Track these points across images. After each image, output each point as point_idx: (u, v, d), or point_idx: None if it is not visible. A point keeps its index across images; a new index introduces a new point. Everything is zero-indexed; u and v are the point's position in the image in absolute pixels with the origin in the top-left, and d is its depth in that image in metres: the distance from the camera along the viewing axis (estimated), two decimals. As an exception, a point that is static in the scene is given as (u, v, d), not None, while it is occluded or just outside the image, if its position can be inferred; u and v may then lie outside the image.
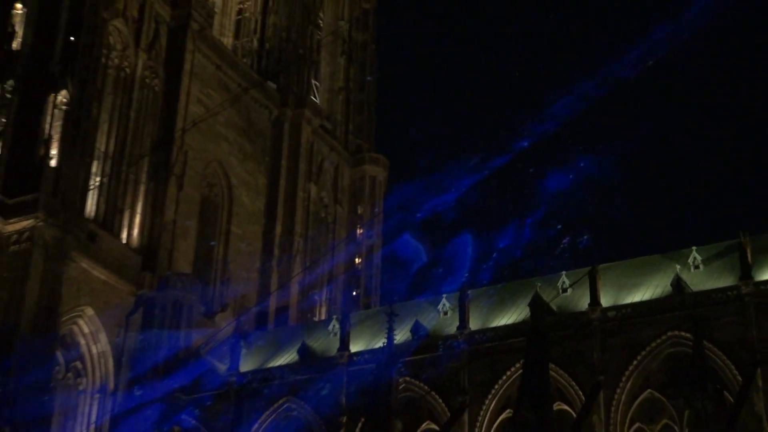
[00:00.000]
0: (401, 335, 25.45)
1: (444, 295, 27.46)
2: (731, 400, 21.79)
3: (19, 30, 28.92)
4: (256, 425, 25.85)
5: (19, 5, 29.20)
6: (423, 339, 26.00)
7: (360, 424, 24.71)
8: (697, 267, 24.94)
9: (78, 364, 27.62)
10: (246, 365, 27.32)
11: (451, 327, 26.21)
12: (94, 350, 27.72)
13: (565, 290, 26.20)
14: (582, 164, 33.48)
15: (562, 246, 29.91)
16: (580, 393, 23.85)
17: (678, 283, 23.98)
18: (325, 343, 27.69)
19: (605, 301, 24.63)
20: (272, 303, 30.64)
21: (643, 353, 23.70)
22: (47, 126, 27.53)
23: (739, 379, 22.35)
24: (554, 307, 25.61)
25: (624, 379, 23.63)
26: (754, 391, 21.94)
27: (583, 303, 24.92)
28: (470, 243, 32.69)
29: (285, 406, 26.52)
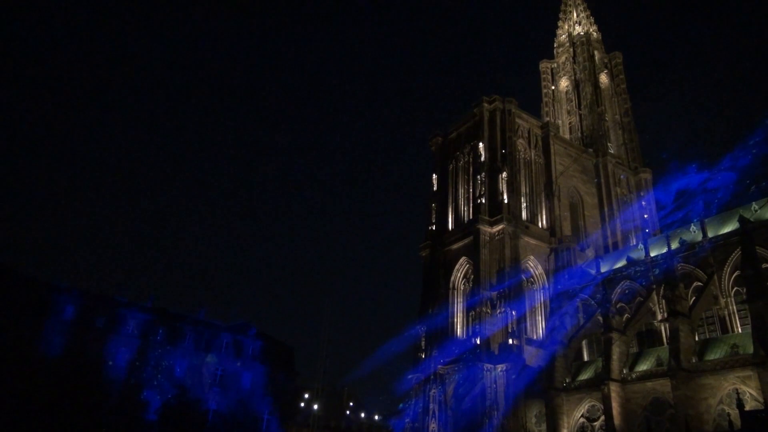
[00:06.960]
0: (675, 245, 56.63)
1: (692, 223, 57.20)
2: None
3: (483, 152, 71.83)
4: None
5: (481, 144, 72.85)
6: (685, 244, 56.00)
7: (662, 287, 55.81)
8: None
9: (531, 278, 66.89)
10: (605, 267, 62.40)
11: (698, 237, 55.36)
12: (536, 271, 66.60)
13: (755, 210, 52.94)
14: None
15: (750, 190, 56.48)
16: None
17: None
18: (639, 253, 60.38)
19: (778, 214, 51.22)
20: (609, 237, 66.56)
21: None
22: (501, 186, 68.67)
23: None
24: (751, 219, 52.33)
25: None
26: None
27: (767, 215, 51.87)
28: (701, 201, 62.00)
29: (625, 283, 60.12)
